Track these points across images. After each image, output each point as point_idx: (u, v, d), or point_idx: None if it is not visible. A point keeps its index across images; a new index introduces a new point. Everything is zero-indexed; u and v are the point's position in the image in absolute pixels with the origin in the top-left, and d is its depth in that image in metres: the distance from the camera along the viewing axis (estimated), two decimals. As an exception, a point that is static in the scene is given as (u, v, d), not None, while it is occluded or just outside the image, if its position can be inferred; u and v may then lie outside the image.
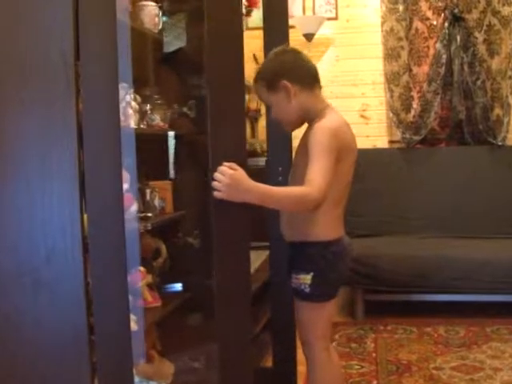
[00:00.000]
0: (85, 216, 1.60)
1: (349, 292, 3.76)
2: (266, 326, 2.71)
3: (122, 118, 2.03)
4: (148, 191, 2.26)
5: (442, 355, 2.87)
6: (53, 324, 1.61)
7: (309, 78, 1.90)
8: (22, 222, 1.59)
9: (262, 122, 4.47)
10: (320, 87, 1.94)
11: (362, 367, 2.78)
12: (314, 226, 1.88)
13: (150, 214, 2.20)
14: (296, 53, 1.94)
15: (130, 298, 2.26)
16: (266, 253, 2.59)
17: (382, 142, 4.41)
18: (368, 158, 4.30)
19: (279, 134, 2.32)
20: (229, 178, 1.57)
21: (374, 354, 2.93)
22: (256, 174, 2.06)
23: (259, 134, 4.33)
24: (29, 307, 1.62)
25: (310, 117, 1.91)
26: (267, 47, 2.30)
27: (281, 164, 2.31)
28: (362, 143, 4.37)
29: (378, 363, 2.81)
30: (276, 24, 2.23)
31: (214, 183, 1.59)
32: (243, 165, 1.63)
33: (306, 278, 1.87)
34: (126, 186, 2.19)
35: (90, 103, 1.55)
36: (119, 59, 1.80)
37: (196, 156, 2.58)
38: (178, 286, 2.59)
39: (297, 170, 1.92)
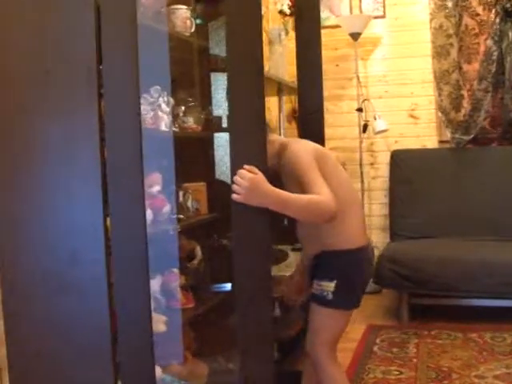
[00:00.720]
0: (108, 219, 1.63)
1: (394, 295, 3.70)
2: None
3: (151, 120, 2.06)
4: (181, 193, 2.28)
5: (486, 363, 2.77)
6: (77, 325, 1.65)
7: None
8: (47, 225, 1.63)
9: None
10: (270, 129, 1.99)
11: (401, 373, 2.72)
12: (338, 235, 1.87)
13: (181, 216, 2.22)
14: None
15: (162, 298, 2.29)
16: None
17: (432, 143, 4.31)
18: (417, 158, 4.23)
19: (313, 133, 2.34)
20: (248, 182, 1.57)
21: (414, 360, 2.87)
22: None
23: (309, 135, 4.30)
24: (54, 309, 1.66)
25: (273, 160, 1.87)
26: (300, 49, 2.30)
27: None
28: (411, 143, 4.30)
29: (418, 369, 2.74)
30: (307, 26, 2.21)
31: (233, 186, 1.59)
32: (263, 169, 1.63)
33: (330, 286, 1.85)
34: (158, 187, 2.21)
35: (111, 107, 1.58)
36: (151, 62, 1.83)
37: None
38: (228, 286, 2.59)
39: None
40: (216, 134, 2.56)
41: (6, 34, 1.63)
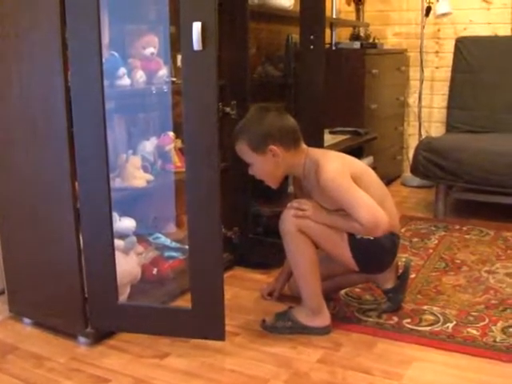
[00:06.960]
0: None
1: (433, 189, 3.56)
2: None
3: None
4: (180, 57, 2.25)
5: (505, 260, 2.61)
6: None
7: (294, 139, 1.92)
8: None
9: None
10: (302, 141, 1.95)
11: (410, 261, 2.64)
12: None
13: (174, 79, 2.21)
14: (280, 113, 1.93)
15: (154, 159, 2.32)
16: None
17: (505, 30, 3.94)
18: (485, 47, 3.90)
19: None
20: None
21: (430, 250, 2.77)
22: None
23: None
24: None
25: (294, 171, 1.98)
26: None
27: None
28: (482, 30, 3.97)
29: (429, 259, 2.65)
30: None
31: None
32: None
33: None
34: (152, 50, 2.20)
35: None
36: None
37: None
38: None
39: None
40: None
41: None
